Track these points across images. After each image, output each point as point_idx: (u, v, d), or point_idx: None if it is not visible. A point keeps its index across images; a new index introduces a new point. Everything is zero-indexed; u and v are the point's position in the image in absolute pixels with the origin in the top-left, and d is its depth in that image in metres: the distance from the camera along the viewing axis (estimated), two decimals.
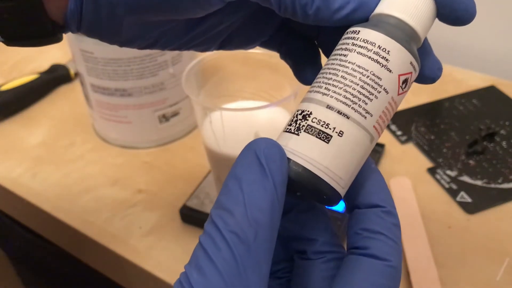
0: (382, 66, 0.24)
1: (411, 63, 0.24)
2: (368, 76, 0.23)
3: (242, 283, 0.21)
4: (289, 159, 0.23)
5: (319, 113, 0.23)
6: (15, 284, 0.75)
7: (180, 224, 0.50)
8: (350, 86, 0.23)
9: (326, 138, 0.23)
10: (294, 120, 0.24)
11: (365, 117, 0.24)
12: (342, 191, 0.24)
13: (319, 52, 0.32)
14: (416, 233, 0.47)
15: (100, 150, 0.60)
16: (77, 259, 0.55)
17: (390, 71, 0.24)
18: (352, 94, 0.23)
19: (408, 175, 0.53)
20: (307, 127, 0.23)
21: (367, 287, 0.23)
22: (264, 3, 0.26)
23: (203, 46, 0.32)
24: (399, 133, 0.60)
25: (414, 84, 0.26)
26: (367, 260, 0.24)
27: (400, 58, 0.24)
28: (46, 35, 0.29)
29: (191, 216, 0.49)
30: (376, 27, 0.24)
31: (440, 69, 0.27)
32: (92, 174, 0.57)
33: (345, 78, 0.24)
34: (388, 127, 0.61)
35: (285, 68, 0.44)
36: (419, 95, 0.66)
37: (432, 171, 0.54)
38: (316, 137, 0.23)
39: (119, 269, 0.50)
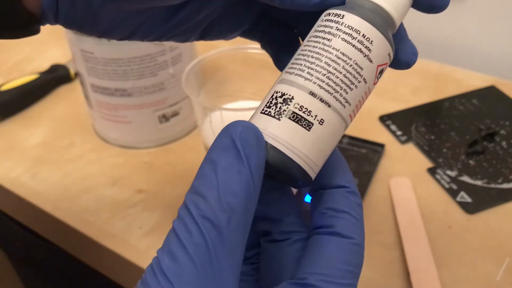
0: (365, 56, 0.24)
1: (389, 54, 0.25)
2: (351, 65, 0.23)
3: (214, 269, 0.20)
4: (268, 143, 0.23)
5: (301, 99, 0.23)
6: (15, 284, 0.75)
7: None
8: (333, 74, 0.23)
9: (308, 125, 0.23)
10: (273, 102, 0.24)
11: (344, 106, 0.24)
12: (314, 176, 0.24)
13: (298, 41, 0.32)
14: (416, 233, 0.47)
15: (100, 150, 0.60)
16: (77, 259, 0.55)
17: (371, 61, 0.24)
18: (335, 82, 0.23)
19: (408, 175, 0.53)
20: (289, 113, 0.23)
21: (333, 265, 0.23)
22: None
23: (184, 35, 0.31)
24: (399, 133, 0.60)
25: (415, 84, 0.26)
26: (333, 239, 0.24)
27: (381, 49, 0.24)
28: (22, 26, 0.28)
29: None
30: (360, 13, 0.24)
31: (415, 54, 0.27)
32: (92, 174, 0.57)
33: (329, 65, 0.23)
34: (388, 127, 0.61)
35: None
36: (419, 95, 0.66)
37: (432, 171, 0.54)
38: (298, 124, 0.23)
39: (119, 269, 0.50)
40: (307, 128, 0.23)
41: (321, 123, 0.23)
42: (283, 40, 0.32)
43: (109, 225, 0.50)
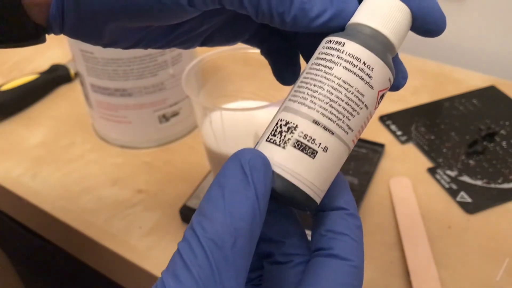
0: (366, 83, 0.24)
1: (389, 79, 0.25)
2: (352, 93, 0.24)
3: None
4: (275, 172, 0.24)
5: (305, 128, 0.24)
6: (15, 283, 0.75)
7: (180, 224, 0.50)
8: (335, 102, 0.24)
9: (312, 153, 0.24)
10: (278, 130, 0.24)
11: (347, 133, 0.24)
12: (319, 200, 0.25)
13: (298, 52, 0.32)
14: (416, 233, 0.47)
15: (100, 150, 0.60)
16: (77, 259, 0.55)
17: (372, 87, 0.24)
18: (337, 110, 0.24)
19: (408, 175, 0.53)
20: (294, 141, 0.24)
21: (332, 287, 0.23)
22: (241, 10, 0.26)
23: (186, 44, 0.32)
24: (399, 133, 0.60)
25: (415, 84, 0.27)
26: (332, 261, 0.24)
27: (382, 75, 0.25)
28: (30, 38, 0.29)
29: (191, 216, 0.49)
30: (360, 40, 0.25)
31: (405, 78, 0.28)
32: (92, 174, 0.57)
33: (331, 93, 0.24)
34: (388, 127, 0.61)
35: None
36: (419, 95, 0.66)
37: (432, 171, 0.54)
38: (303, 152, 0.24)
39: (119, 269, 0.50)
40: (311, 156, 0.24)
41: (325, 150, 0.24)
42: (281, 50, 0.32)
43: (109, 225, 0.50)
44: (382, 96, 0.25)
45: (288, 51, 0.32)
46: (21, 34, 0.28)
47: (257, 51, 0.34)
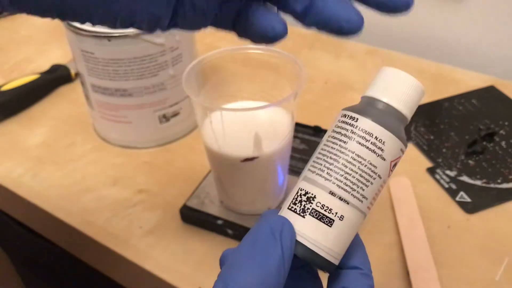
0: (378, 156, 0.26)
1: (401, 149, 0.27)
2: (366, 165, 0.26)
3: None
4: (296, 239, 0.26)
5: (322, 198, 0.26)
6: (16, 283, 0.75)
7: (180, 224, 0.50)
8: (350, 174, 0.26)
9: (329, 222, 0.26)
10: (298, 200, 0.26)
11: (362, 201, 0.26)
12: (337, 263, 0.27)
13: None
14: (416, 233, 0.47)
15: (100, 150, 0.60)
16: (78, 258, 0.55)
17: (384, 159, 0.26)
18: (351, 182, 0.26)
19: (407, 175, 0.54)
20: (312, 211, 0.26)
21: None
22: None
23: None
24: None
25: None
26: None
27: (393, 147, 0.27)
28: None
29: (191, 216, 0.49)
30: (373, 116, 0.26)
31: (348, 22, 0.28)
32: (93, 174, 0.57)
33: (346, 166, 0.26)
34: None
35: (285, 68, 0.44)
36: None
37: (431, 171, 0.55)
38: (320, 221, 0.26)
39: (119, 269, 0.50)
40: (328, 224, 0.26)
41: (341, 219, 0.26)
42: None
43: (109, 225, 0.51)
44: (395, 165, 0.27)
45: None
46: None
47: (257, 51, 0.34)
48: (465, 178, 0.53)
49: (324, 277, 0.29)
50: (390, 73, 0.28)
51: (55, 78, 0.70)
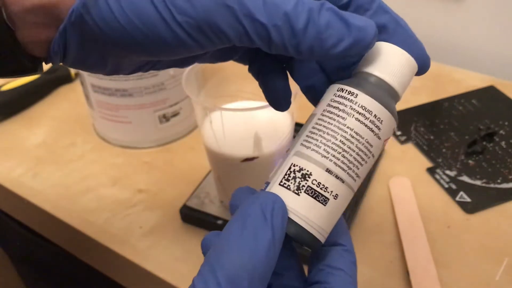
0: (375, 134, 0.26)
1: (393, 128, 0.27)
2: (363, 144, 0.26)
3: None
4: (288, 217, 0.25)
5: (318, 176, 0.25)
6: (16, 283, 0.75)
7: (180, 224, 0.50)
8: (347, 152, 0.25)
9: (324, 201, 0.25)
10: (292, 176, 0.25)
11: (355, 180, 0.26)
12: (324, 241, 0.26)
13: (287, 74, 0.32)
14: (416, 233, 0.47)
15: (100, 150, 0.60)
16: (78, 258, 0.55)
17: (379, 138, 0.26)
18: (348, 160, 0.25)
19: (407, 175, 0.54)
20: (307, 189, 0.25)
21: None
22: (252, 46, 0.26)
23: (182, 65, 0.33)
24: (398, 133, 0.60)
25: (414, 84, 0.27)
26: None
27: (388, 126, 0.26)
28: (27, 71, 0.29)
29: (191, 216, 0.49)
30: (372, 92, 0.26)
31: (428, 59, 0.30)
32: (93, 174, 0.57)
33: (344, 143, 0.25)
34: None
35: None
36: (419, 95, 0.66)
37: (431, 171, 0.55)
38: (316, 199, 0.25)
39: (119, 269, 0.50)
40: (323, 203, 0.25)
41: (335, 197, 0.25)
42: (271, 70, 0.32)
43: (109, 225, 0.51)
44: (385, 143, 0.27)
45: (278, 72, 0.32)
46: (18, 67, 0.28)
47: None
48: (465, 178, 0.53)
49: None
50: (385, 48, 0.27)
51: (55, 78, 0.70)
